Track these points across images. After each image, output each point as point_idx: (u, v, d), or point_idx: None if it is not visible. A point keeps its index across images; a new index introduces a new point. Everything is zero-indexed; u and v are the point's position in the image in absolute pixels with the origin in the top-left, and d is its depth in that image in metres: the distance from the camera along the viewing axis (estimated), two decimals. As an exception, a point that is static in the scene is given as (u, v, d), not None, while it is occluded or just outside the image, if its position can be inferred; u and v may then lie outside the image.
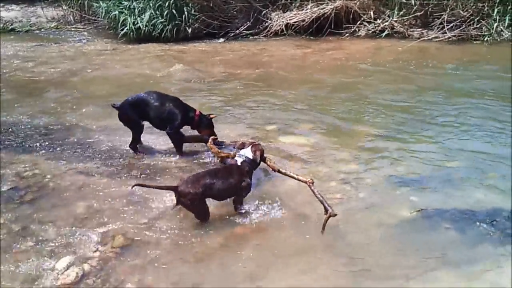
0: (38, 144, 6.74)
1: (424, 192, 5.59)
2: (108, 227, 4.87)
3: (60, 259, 4.36)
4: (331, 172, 6.02)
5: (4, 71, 10.39)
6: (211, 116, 6.50)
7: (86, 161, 6.27)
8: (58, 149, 6.61)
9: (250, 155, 5.10)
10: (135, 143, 6.46)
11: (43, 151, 6.53)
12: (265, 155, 5.28)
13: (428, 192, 5.61)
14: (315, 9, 12.93)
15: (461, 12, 11.95)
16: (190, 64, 10.93)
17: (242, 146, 5.31)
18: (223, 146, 6.32)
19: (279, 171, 5.19)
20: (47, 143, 6.78)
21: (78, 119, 7.69)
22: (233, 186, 4.95)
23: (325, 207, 4.75)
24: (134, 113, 6.22)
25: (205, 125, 6.43)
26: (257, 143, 5.31)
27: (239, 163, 5.09)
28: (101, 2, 13.80)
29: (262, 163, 5.25)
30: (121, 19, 13.14)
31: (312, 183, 4.93)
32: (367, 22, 12.85)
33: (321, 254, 4.57)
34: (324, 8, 12.80)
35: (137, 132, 6.40)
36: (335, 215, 4.74)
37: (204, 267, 4.39)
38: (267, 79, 9.99)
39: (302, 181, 5.04)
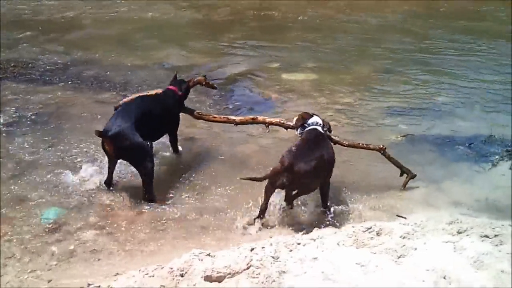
0: (57, 78, 7.26)
1: (412, 121, 6.16)
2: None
3: (85, 169, 4.93)
4: (327, 103, 6.58)
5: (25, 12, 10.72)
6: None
7: (102, 92, 6.82)
8: (75, 82, 7.14)
9: (320, 120, 4.50)
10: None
11: (62, 84, 7.06)
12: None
13: (416, 121, 6.17)
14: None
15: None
16: (197, 8, 11.22)
17: (306, 117, 4.55)
18: None
19: (348, 145, 4.89)
20: (65, 77, 7.30)
21: (92, 56, 8.17)
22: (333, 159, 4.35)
23: (403, 171, 4.83)
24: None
25: None
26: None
27: (321, 131, 4.41)
28: None
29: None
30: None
31: (385, 149, 4.84)
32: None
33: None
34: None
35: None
36: (415, 176, 4.82)
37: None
38: (272, 22, 10.32)
39: (375, 150, 4.93)
